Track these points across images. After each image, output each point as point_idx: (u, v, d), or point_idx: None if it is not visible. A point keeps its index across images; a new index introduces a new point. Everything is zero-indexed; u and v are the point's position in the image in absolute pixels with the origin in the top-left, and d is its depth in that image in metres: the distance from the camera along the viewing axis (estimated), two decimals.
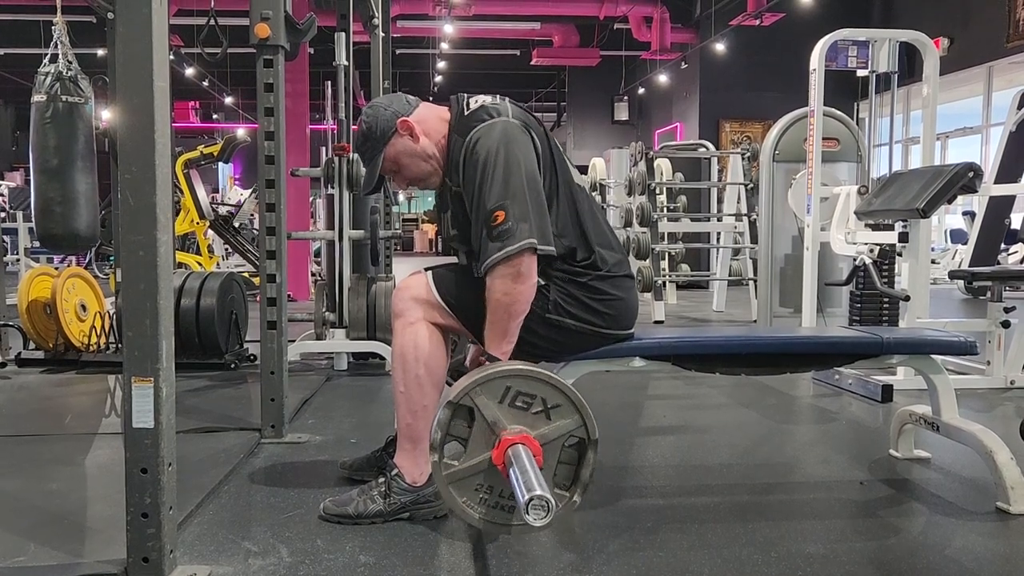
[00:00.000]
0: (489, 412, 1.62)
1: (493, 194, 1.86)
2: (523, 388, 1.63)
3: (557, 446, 1.63)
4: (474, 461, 1.62)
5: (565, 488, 1.65)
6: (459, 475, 1.62)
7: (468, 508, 1.63)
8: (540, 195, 1.91)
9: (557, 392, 1.63)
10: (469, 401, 1.62)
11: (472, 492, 1.63)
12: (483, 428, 1.62)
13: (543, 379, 1.63)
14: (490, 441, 1.61)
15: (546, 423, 1.63)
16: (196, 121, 19.77)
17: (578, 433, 1.64)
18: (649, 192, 6.55)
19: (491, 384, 1.62)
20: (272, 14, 2.67)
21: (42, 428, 3.08)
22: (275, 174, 2.77)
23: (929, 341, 2.28)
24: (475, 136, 1.93)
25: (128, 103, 1.59)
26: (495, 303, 1.88)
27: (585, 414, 1.63)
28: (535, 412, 1.63)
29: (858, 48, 4.05)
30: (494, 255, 1.84)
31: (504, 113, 1.97)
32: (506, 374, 1.64)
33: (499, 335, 1.90)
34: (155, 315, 1.59)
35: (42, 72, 3.71)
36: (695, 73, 12.57)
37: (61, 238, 3.87)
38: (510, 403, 1.62)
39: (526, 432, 1.61)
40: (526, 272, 1.86)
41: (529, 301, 1.90)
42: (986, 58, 9.59)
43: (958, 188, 3.17)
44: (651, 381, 3.89)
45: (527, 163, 1.90)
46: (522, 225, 1.84)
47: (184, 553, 1.80)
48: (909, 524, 2.08)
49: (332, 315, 4.01)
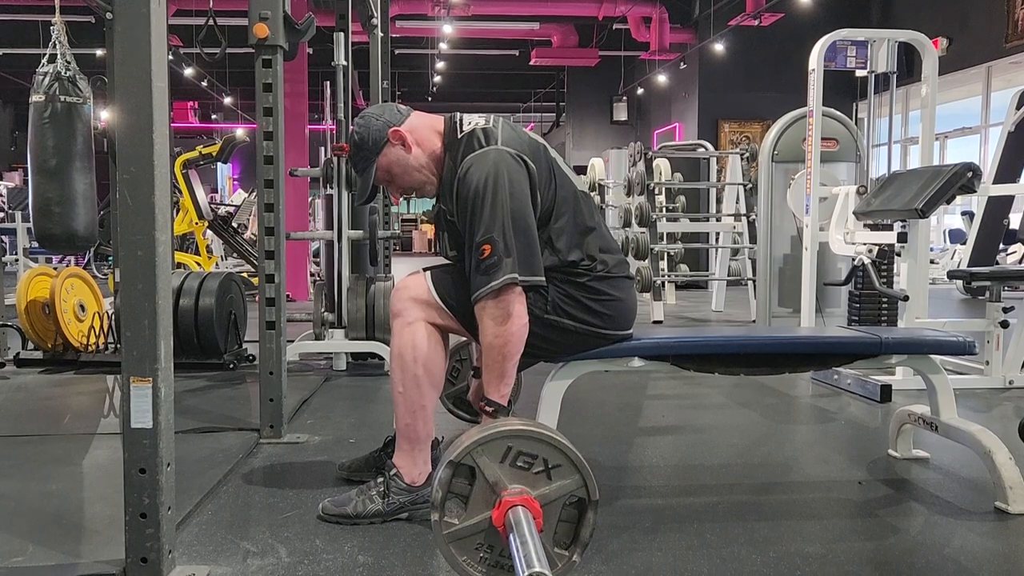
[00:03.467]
0: (490, 472, 1.61)
1: (481, 227, 1.86)
2: (524, 448, 1.62)
3: (558, 506, 1.63)
4: (474, 520, 1.61)
5: (564, 547, 1.64)
6: (459, 534, 1.61)
7: (468, 567, 1.62)
8: (528, 227, 1.90)
9: (558, 452, 1.62)
10: (471, 460, 1.61)
11: (472, 551, 1.62)
12: (484, 487, 1.61)
13: (545, 439, 1.62)
14: (490, 501, 1.60)
15: (547, 483, 1.62)
16: (195, 121, 19.76)
17: (579, 493, 1.63)
18: (648, 192, 6.56)
19: (492, 444, 1.62)
20: (271, 14, 2.68)
21: (41, 428, 3.07)
22: (274, 174, 2.77)
23: (928, 341, 2.28)
24: (467, 165, 1.93)
25: (127, 103, 1.59)
26: (488, 346, 1.89)
27: (586, 474, 1.62)
28: (536, 472, 1.62)
29: (857, 48, 4.05)
30: (480, 289, 1.86)
31: (495, 139, 1.95)
32: (508, 434, 1.62)
33: (496, 378, 1.90)
34: (154, 315, 1.59)
35: (41, 72, 3.71)
36: (694, 73, 12.59)
37: (60, 238, 3.87)
38: (511, 463, 1.62)
39: (527, 493, 1.60)
40: (515, 312, 1.86)
41: (522, 341, 1.90)
42: (985, 58, 9.60)
43: (957, 188, 3.17)
44: (650, 381, 3.89)
45: (516, 195, 1.89)
46: (506, 260, 1.84)
47: (183, 553, 1.80)
48: (908, 524, 2.08)
49: (331, 315, 4.01)
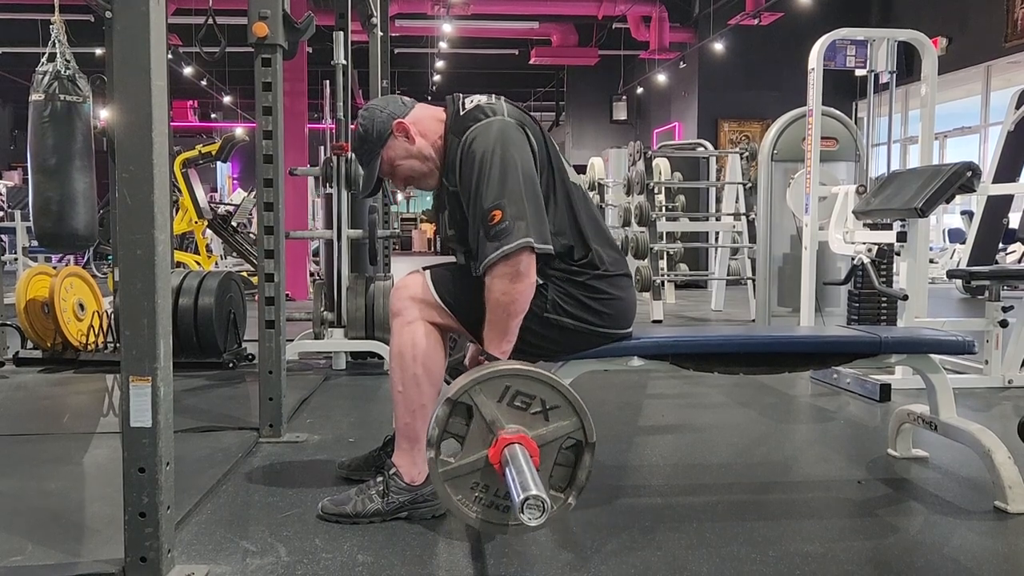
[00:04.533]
0: (487, 410, 1.61)
1: (490, 193, 1.86)
2: (522, 388, 1.62)
3: (554, 447, 1.63)
4: (471, 459, 1.62)
5: (561, 490, 1.64)
6: (455, 473, 1.62)
7: (463, 506, 1.63)
8: (537, 194, 1.91)
9: (556, 393, 1.62)
10: (468, 399, 1.61)
11: (468, 491, 1.63)
12: (481, 426, 1.62)
13: (543, 380, 1.63)
14: (487, 440, 1.61)
15: (544, 424, 1.63)
16: (194, 120, 19.75)
17: (576, 435, 1.63)
18: (647, 191, 6.56)
19: (491, 383, 1.62)
20: (270, 13, 2.67)
21: (40, 427, 3.07)
22: (273, 173, 2.77)
23: (927, 340, 2.28)
24: (471, 135, 1.93)
25: (126, 102, 1.58)
26: (494, 302, 1.88)
27: (583, 416, 1.63)
28: (533, 413, 1.63)
29: (856, 48, 4.05)
30: (492, 254, 1.84)
31: (500, 112, 1.97)
32: (506, 373, 1.63)
33: (498, 334, 1.90)
34: (153, 314, 1.59)
35: (40, 71, 3.71)
36: (693, 72, 12.59)
37: (59, 237, 3.87)
38: (509, 402, 1.62)
39: (524, 432, 1.60)
40: (524, 271, 1.86)
41: (528, 300, 1.90)
42: (984, 57, 9.61)
43: (956, 187, 3.17)
44: (649, 380, 3.89)
45: (523, 162, 1.90)
46: (519, 223, 1.84)
47: (182, 552, 1.80)
48: (907, 523, 2.08)
49: (330, 314, 4.01)
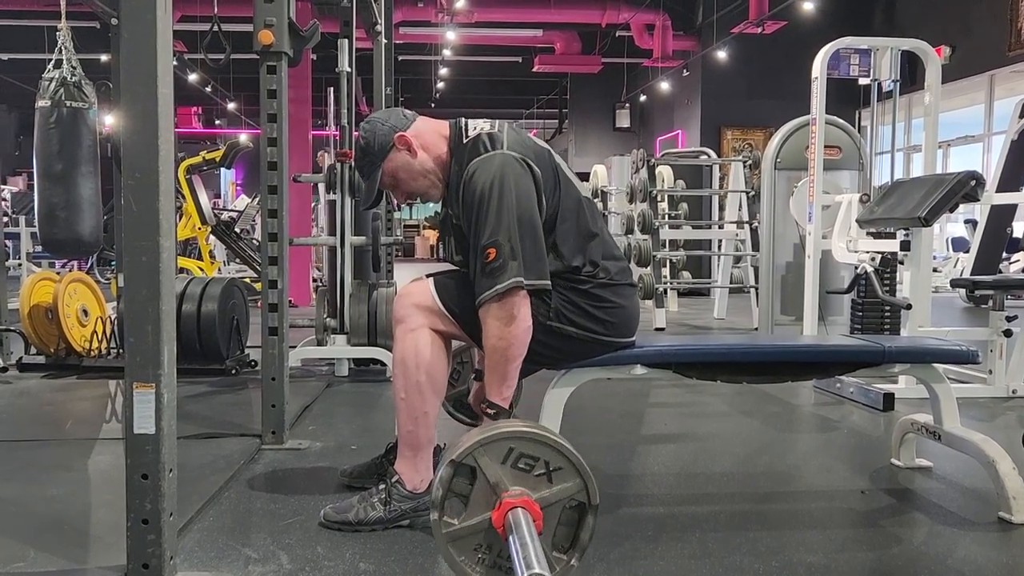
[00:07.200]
0: (491, 472, 1.60)
1: (486, 230, 1.87)
2: (526, 450, 1.62)
3: (558, 508, 1.62)
4: (474, 521, 1.61)
5: (563, 551, 1.64)
6: (459, 534, 1.61)
7: (466, 567, 1.62)
8: (536, 228, 1.91)
9: (559, 455, 1.62)
10: (472, 460, 1.61)
11: (471, 552, 1.62)
12: (484, 488, 1.61)
13: (547, 442, 1.62)
14: (491, 502, 1.60)
15: (548, 486, 1.62)
16: (199, 127, 19.83)
17: (579, 497, 1.62)
18: (650, 199, 6.56)
19: (494, 445, 1.61)
20: (276, 21, 2.69)
21: (43, 433, 3.08)
22: (277, 180, 2.78)
23: (931, 350, 2.28)
24: (472, 169, 1.94)
25: (132, 109, 1.59)
26: (491, 348, 1.89)
27: (587, 478, 1.62)
28: (537, 475, 1.62)
29: (860, 56, 4.06)
30: (486, 292, 1.86)
31: (501, 143, 1.96)
32: (510, 435, 1.62)
33: (498, 380, 1.90)
34: (157, 321, 1.59)
35: (46, 77, 3.72)
36: (696, 80, 12.61)
37: (64, 243, 3.88)
38: (512, 464, 1.61)
39: (527, 495, 1.60)
40: (519, 315, 1.87)
41: (525, 345, 1.90)
42: (988, 67, 9.62)
43: (960, 196, 3.17)
44: (652, 389, 3.88)
45: (522, 198, 1.90)
46: (512, 263, 1.85)
47: (184, 559, 1.80)
48: (910, 534, 2.07)
49: (333, 321, 4.01)
